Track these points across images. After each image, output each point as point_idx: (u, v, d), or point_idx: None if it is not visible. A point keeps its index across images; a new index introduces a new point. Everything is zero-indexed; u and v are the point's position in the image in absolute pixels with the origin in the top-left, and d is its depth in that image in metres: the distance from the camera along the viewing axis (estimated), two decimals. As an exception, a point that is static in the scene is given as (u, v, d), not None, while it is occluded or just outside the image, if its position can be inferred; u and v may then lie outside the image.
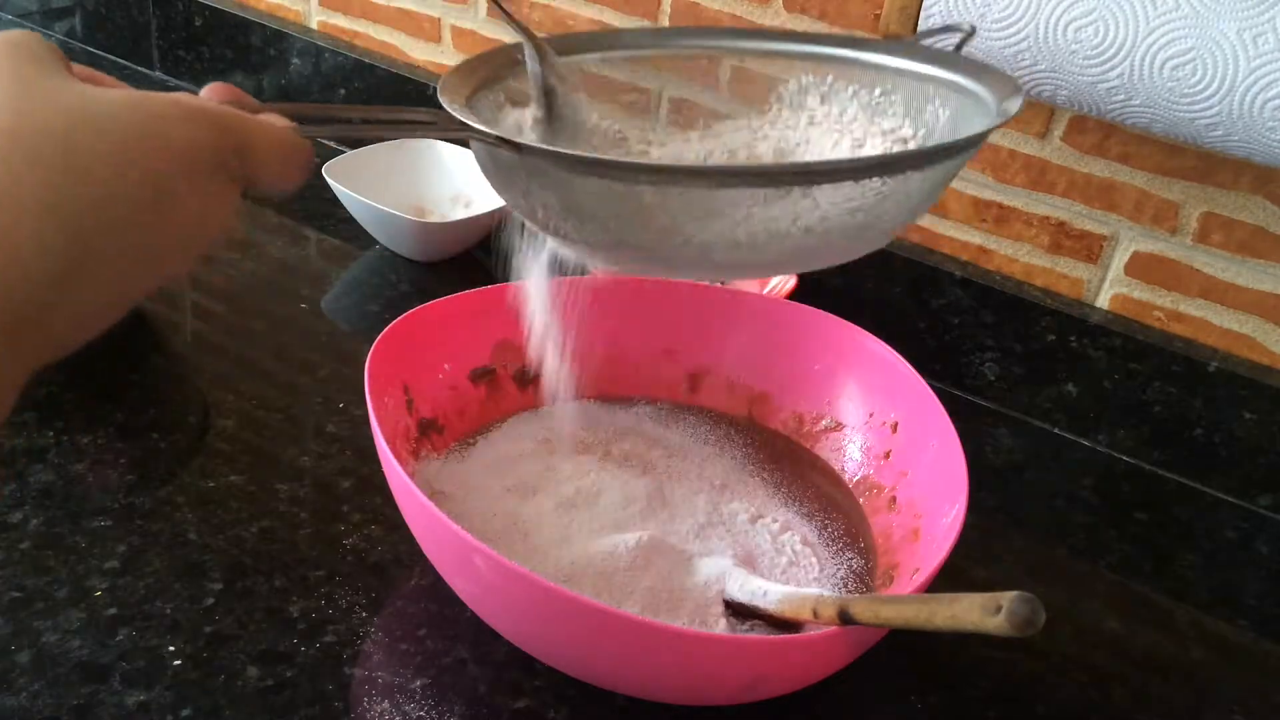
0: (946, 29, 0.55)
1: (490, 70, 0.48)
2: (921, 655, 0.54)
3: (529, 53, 0.49)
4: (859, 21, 0.74)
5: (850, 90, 0.52)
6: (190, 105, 0.30)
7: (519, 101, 0.50)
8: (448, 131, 0.40)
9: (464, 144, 0.41)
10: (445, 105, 0.42)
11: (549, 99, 0.49)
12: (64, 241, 0.27)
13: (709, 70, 0.55)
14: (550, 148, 0.40)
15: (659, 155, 0.52)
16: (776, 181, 0.40)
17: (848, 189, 0.40)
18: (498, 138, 0.39)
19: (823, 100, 0.53)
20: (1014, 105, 0.44)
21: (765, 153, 0.52)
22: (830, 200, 0.40)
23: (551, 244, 0.46)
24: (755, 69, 0.54)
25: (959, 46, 0.51)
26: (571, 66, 0.52)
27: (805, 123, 0.53)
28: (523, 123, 0.49)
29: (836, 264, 0.47)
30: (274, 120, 0.33)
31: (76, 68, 0.31)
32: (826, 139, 0.51)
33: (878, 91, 0.52)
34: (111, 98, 0.29)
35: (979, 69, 0.48)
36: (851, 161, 0.46)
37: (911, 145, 0.50)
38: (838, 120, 0.52)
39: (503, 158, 0.41)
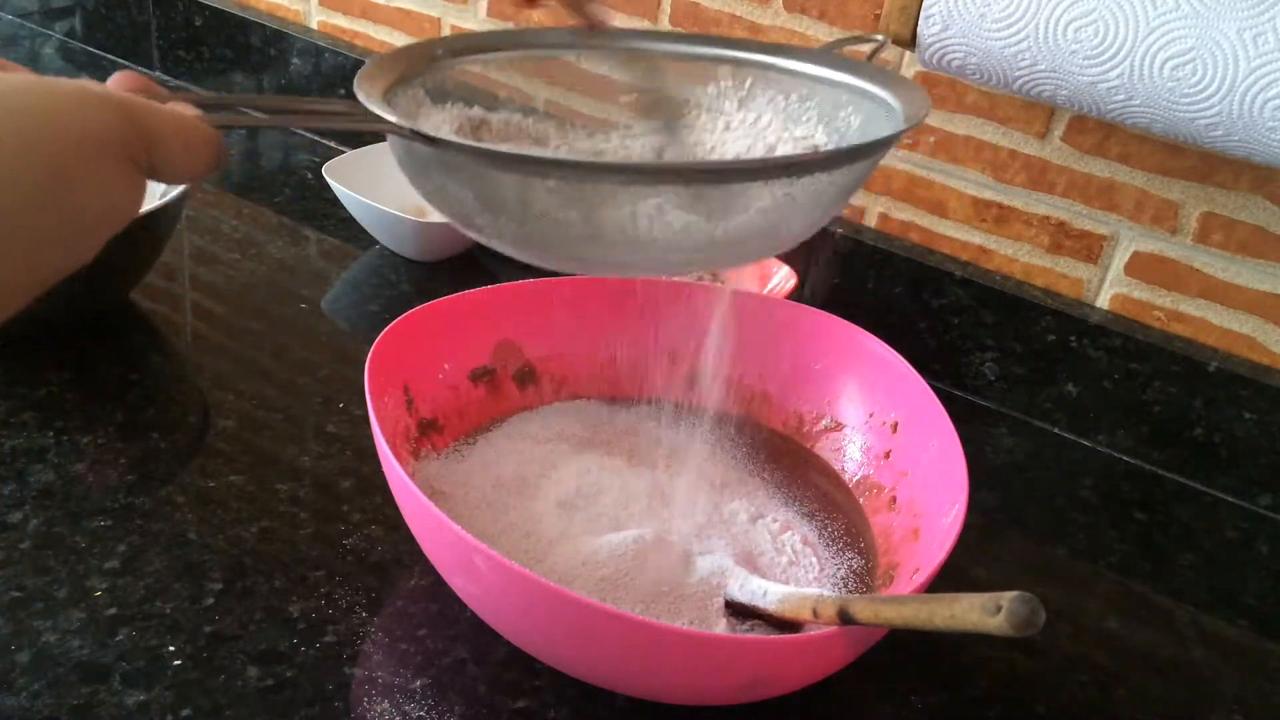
0: (859, 39, 0.56)
1: (408, 66, 0.48)
2: (921, 655, 0.54)
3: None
4: (859, 21, 0.74)
5: (767, 96, 0.53)
6: (94, 92, 0.30)
7: (439, 98, 0.50)
8: (363, 123, 0.40)
9: (380, 137, 0.42)
10: (361, 98, 0.42)
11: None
12: None
13: (632, 71, 0.55)
14: (465, 142, 0.40)
15: (573, 153, 0.52)
16: (687, 179, 0.41)
17: (753, 189, 0.41)
18: (413, 131, 0.39)
19: (740, 105, 0.53)
20: (921, 113, 0.44)
21: (678, 157, 0.52)
22: (737, 199, 0.41)
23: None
24: (676, 72, 0.54)
25: (870, 56, 0.52)
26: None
27: (721, 127, 0.53)
28: (449, 119, 0.49)
29: (744, 264, 0.46)
30: (182, 109, 0.33)
31: None
32: (740, 144, 0.52)
33: (794, 98, 0.52)
34: (10, 83, 0.29)
35: (890, 79, 0.49)
36: (757, 161, 0.47)
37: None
38: (752, 126, 0.52)
39: (418, 151, 0.41)
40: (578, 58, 0.53)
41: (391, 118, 0.40)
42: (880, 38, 0.54)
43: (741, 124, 0.52)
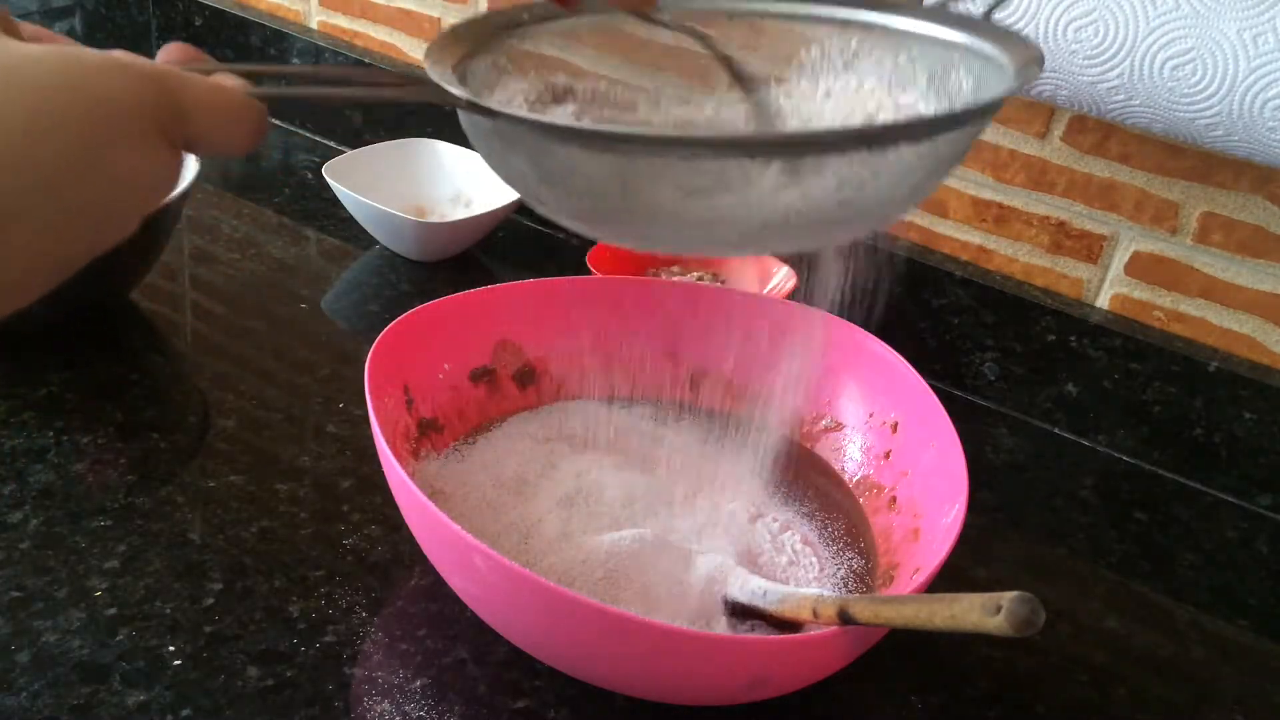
0: None
1: (485, 33, 0.46)
2: (921, 655, 0.54)
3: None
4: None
5: (874, 57, 0.49)
6: (120, 61, 0.28)
7: (521, 66, 0.47)
8: (418, 92, 0.38)
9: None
10: (427, 68, 0.40)
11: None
12: None
13: (728, 34, 0.51)
14: (521, 114, 0.38)
15: (662, 123, 0.51)
16: (753, 151, 0.37)
17: (834, 161, 0.37)
18: (469, 102, 0.37)
19: (845, 67, 0.50)
20: (1032, 72, 0.41)
21: (767, 126, 0.50)
22: (816, 173, 0.37)
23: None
24: (777, 33, 0.51)
25: (989, 13, 0.47)
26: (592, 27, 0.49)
27: (822, 94, 0.50)
28: (529, 89, 0.47)
29: (826, 246, 0.44)
30: (223, 80, 0.32)
31: (25, 27, 0.30)
32: (839, 112, 0.49)
33: (901, 58, 0.48)
34: (38, 54, 0.27)
35: (1005, 35, 0.45)
36: (841, 131, 0.42)
37: None
38: (854, 93, 0.49)
39: (480, 124, 0.39)
40: (674, 20, 0.50)
41: (450, 88, 0.38)
42: None
43: (843, 90, 0.49)
